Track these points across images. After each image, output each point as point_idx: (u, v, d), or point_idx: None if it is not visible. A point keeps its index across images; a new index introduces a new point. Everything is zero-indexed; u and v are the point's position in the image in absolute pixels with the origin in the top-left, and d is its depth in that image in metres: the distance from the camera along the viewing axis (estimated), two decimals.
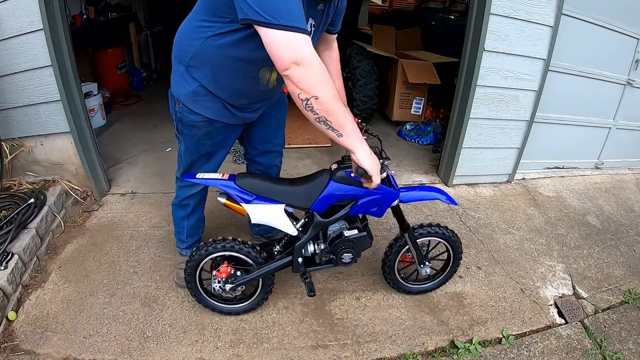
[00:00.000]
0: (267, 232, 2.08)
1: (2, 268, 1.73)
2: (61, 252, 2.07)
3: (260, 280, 1.67)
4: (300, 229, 1.54)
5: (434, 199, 1.66)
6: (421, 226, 1.72)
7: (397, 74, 3.50)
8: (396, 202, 1.55)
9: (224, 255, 1.60)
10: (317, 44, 1.44)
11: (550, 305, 1.93)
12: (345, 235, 1.58)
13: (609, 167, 3.24)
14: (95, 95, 3.36)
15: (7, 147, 2.25)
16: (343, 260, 1.60)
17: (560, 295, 1.99)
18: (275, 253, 1.65)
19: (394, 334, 1.72)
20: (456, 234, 1.76)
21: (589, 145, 3.12)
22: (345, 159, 1.47)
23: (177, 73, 1.48)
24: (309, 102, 1.09)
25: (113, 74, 4.11)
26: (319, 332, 1.71)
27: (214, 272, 1.59)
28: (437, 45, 4.24)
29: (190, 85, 1.42)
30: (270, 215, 1.49)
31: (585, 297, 1.99)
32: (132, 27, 4.47)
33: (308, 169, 2.92)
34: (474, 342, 1.69)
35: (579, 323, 1.84)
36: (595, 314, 1.90)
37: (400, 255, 1.76)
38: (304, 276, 1.67)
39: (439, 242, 1.79)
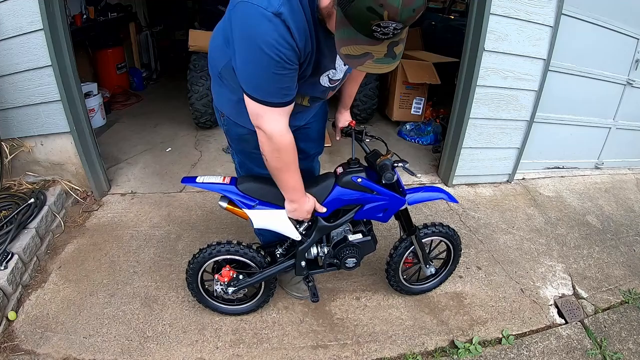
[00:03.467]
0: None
1: (2, 268, 1.73)
2: (61, 252, 2.07)
3: (263, 282, 1.65)
4: (303, 232, 1.51)
5: (438, 199, 1.67)
6: (426, 226, 1.72)
7: (397, 74, 3.50)
8: (405, 206, 1.55)
9: (226, 258, 1.59)
10: None
11: (550, 305, 1.93)
12: (350, 239, 1.55)
13: (609, 167, 3.24)
14: (95, 95, 3.36)
15: (7, 147, 2.25)
16: (347, 265, 1.58)
17: (560, 295, 1.99)
18: (278, 256, 1.63)
19: (394, 334, 1.72)
20: (456, 232, 1.78)
21: (589, 145, 3.12)
22: (352, 163, 1.44)
23: (216, 82, 1.38)
24: (264, 156, 1.23)
25: (113, 74, 4.10)
26: (319, 332, 1.71)
27: (216, 276, 1.58)
28: (437, 45, 4.24)
29: (231, 96, 1.32)
30: (274, 220, 1.46)
31: (585, 297, 1.99)
32: (132, 27, 4.46)
33: None
34: (474, 342, 1.69)
35: (579, 323, 1.84)
36: (595, 314, 1.90)
37: (405, 257, 1.74)
38: (307, 280, 1.66)
39: (441, 240, 1.80)
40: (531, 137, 2.70)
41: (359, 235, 1.57)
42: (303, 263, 1.58)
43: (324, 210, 1.43)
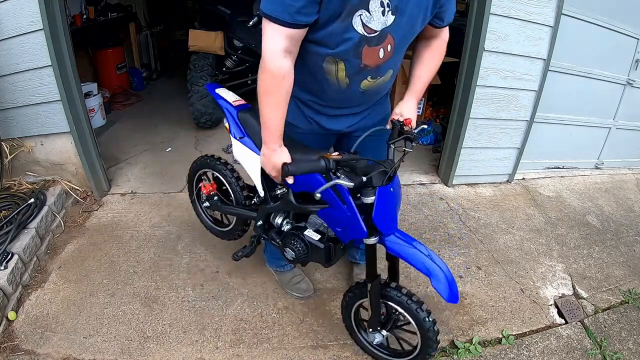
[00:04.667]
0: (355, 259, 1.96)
1: (2, 268, 1.73)
2: (61, 252, 2.07)
3: (235, 217, 1.76)
4: (271, 195, 1.47)
5: (428, 276, 1.21)
6: (396, 288, 1.36)
7: (398, 73, 3.49)
8: (372, 241, 1.27)
9: (218, 178, 1.73)
10: (421, 35, 1.25)
11: (550, 305, 1.93)
12: (305, 233, 1.40)
13: (609, 167, 3.24)
14: (95, 95, 3.36)
15: (7, 147, 2.25)
16: (285, 252, 1.45)
17: (560, 295, 1.99)
18: (252, 203, 1.64)
19: None
20: (434, 321, 1.33)
21: (589, 145, 3.12)
22: (345, 156, 1.16)
23: None
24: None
25: (113, 74, 4.10)
26: (319, 332, 1.71)
27: (200, 184, 1.74)
28: None
29: None
30: (247, 161, 1.48)
31: (585, 297, 1.99)
32: (132, 27, 4.46)
33: None
34: (474, 342, 1.69)
35: (579, 323, 1.84)
36: (595, 314, 1.90)
37: (356, 306, 1.50)
38: (252, 239, 1.63)
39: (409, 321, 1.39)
40: (531, 137, 2.70)
41: (316, 237, 1.39)
42: (260, 222, 1.54)
43: (291, 180, 1.27)
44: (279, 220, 1.51)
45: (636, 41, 2.74)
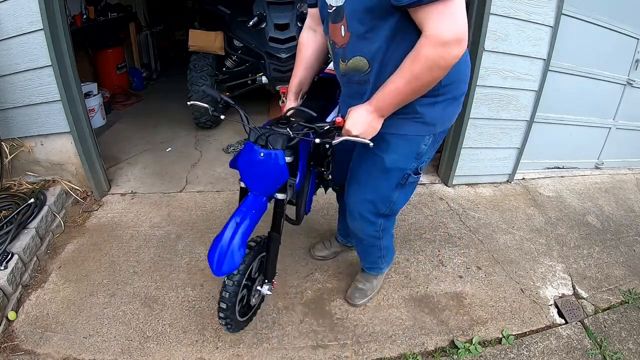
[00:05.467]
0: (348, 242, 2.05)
1: (2, 268, 1.73)
2: (61, 252, 2.07)
3: None
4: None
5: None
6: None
7: None
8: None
9: None
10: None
11: (550, 305, 1.93)
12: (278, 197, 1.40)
13: (609, 167, 3.24)
14: (95, 95, 3.36)
15: (7, 147, 2.25)
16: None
17: (560, 295, 1.99)
18: None
19: (394, 334, 1.72)
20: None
21: (589, 145, 3.12)
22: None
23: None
24: None
25: (113, 74, 4.10)
26: (319, 332, 1.71)
27: None
28: None
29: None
30: None
31: (585, 297, 1.99)
32: (132, 27, 4.46)
33: None
34: (474, 342, 1.69)
35: (579, 323, 1.84)
36: (595, 314, 1.90)
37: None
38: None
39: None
40: (531, 137, 2.70)
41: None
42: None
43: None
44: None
45: (636, 41, 2.75)
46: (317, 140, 1.20)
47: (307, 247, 2.13)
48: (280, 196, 1.37)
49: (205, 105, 1.34)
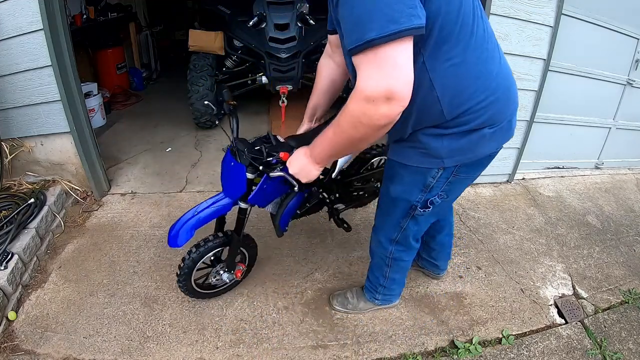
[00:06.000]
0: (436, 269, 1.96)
1: (2, 268, 1.73)
2: (61, 252, 2.07)
3: None
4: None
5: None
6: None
7: None
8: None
9: None
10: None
11: (550, 305, 1.93)
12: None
13: (609, 167, 3.24)
14: (95, 95, 3.36)
15: (7, 147, 2.25)
16: None
17: (560, 295, 1.99)
18: None
19: (394, 334, 1.72)
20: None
21: (589, 145, 3.12)
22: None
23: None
24: None
25: (113, 74, 4.10)
26: (319, 332, 1.71)
27: None
28: None
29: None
30: None
31: (585, 297, 1.99)
32: (132, 27, 4.46)
33: None
34: (474, 342, 1.69)
35: (579, 323, 1.84)
36: (595, 314, 1.90)
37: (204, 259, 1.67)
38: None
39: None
40: (531, 137, 2.70)
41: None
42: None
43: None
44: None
45: (636, 41, 2.74)
46: (260, 168, 1.36)
47: (307, 247, 2.13)
48: (243, 205, 1.55)
49: (214, 107, 1.46)
